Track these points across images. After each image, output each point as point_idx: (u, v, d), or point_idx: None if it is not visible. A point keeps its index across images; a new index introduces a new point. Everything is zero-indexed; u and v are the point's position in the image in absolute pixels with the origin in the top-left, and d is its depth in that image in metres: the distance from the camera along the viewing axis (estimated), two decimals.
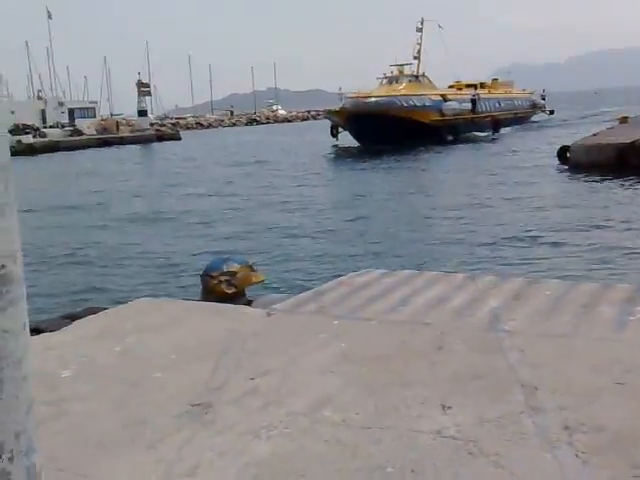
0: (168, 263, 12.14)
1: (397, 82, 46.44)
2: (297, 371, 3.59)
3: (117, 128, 63.62)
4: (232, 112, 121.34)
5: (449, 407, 3.05)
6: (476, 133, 43.91)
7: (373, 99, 41.96)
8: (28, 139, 50.76)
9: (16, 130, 52.51)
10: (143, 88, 69.28)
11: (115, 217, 18.25)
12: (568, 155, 22.23)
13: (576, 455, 2.59)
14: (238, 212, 17.88)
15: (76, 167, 36.72)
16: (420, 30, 51.69)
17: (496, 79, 62.98)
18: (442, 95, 46.15)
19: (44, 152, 48.03)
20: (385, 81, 47.86)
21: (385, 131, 37.21)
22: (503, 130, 46.68)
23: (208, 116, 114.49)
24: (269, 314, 4.71)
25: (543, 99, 67.12)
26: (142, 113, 68.08)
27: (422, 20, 51.68)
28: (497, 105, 52.43)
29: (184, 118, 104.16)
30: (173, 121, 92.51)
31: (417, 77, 48.09)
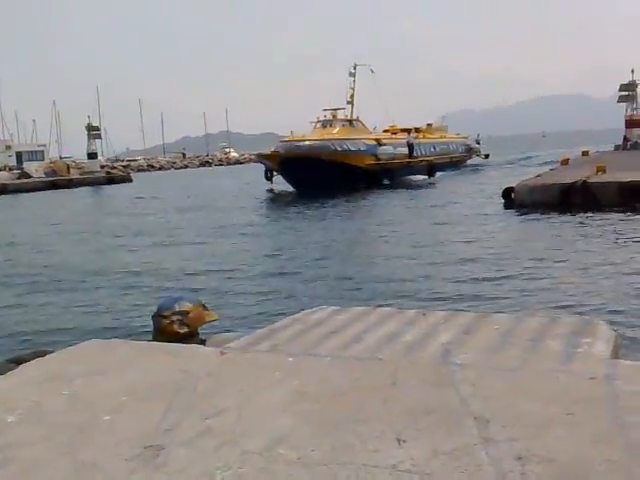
0: (117, 304, 11.90)
1: (331, 126, 45.46)
2: (252, 410, 3.56)
3: (67, 171, 62.73)
4: (184, 154, 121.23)
5: (404, 441, 3.06)
6: (412, 177, 43.39)
7: (306, 143, 40.90)
8: None
9: None
10: (93, 131, 68.69)
11: (61, 258, 17.88)
12: (512, 196, 22.91)
13: None
14: (180, 255, 17.63)
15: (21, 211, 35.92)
16: (353, 75, 51.07)
17: (430, 124, 62.78)
18: (377, 139, 45.55)
19: None
20: (319, 125, 46.64)
21: (319, 175, 36.13)
22: (439, 174, 46.22)
23: (160, 158, 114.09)
24: (223, 353, 4.66)
25: (478, 143, 67.25)
26: (92, 156, 67.38)
27: (354, 65, 51.15)
28: (432, 149, 52.40)
29: (135, 160, 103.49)
30: (124, 163, 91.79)
31: (350, 122, 47.25)
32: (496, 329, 4.92)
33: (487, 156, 64.95)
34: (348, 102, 49.87)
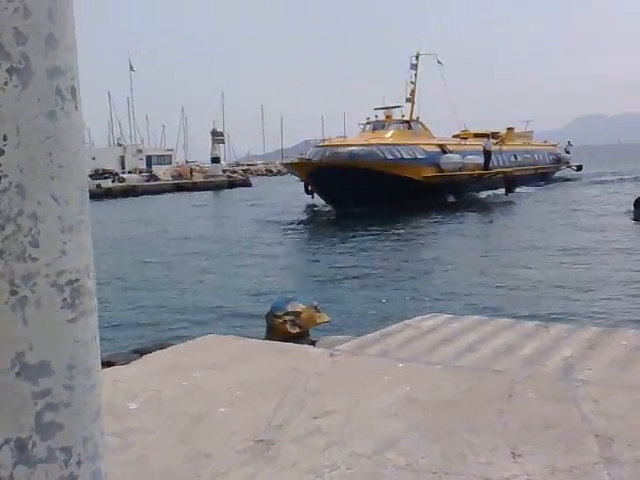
0: (236, 301, 12.32)
1: (383, 128, 37.06)
2: (360, 413, 3.54)
3: (191, 174, 65.69)
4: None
5: (519, 455, 2.93)
6: (486, 193, 36.13)
7: (347, 149, 32.27)
8: (107, 183, 53.11)
9: (96, 175, 54.99)
10: (217, 136, 71.53)
11: (188, 253, 18.78)
12: None
13: None
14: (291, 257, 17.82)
15: (152, 210, 38.03)
16: (414, 67, 41.86)
17: (511, 128, 52.20)
18: (440, 145, 37.23)
19: (122, 196, 50.01)
20: (368, 127, 38.16)
21: (360, 191, 28.82)
22: (520, 189, 38.03)
23: (277, 163, 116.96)
24: (332, 355, 4.68)
25: (567, 152, 57.63)
26: (215, 160, 70.13)
27: (417, 54, 42.01)
28: (513, 159, 43.67)
29: (255, 165, 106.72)
30: (244, 168, 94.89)
31: (408, 123, 38.76)
32: (623, 344, 4.62)
33: (580, 168, 56.38)
34: (408, 99, 41.32)
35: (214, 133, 71.26)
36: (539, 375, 4.07)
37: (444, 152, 36.24)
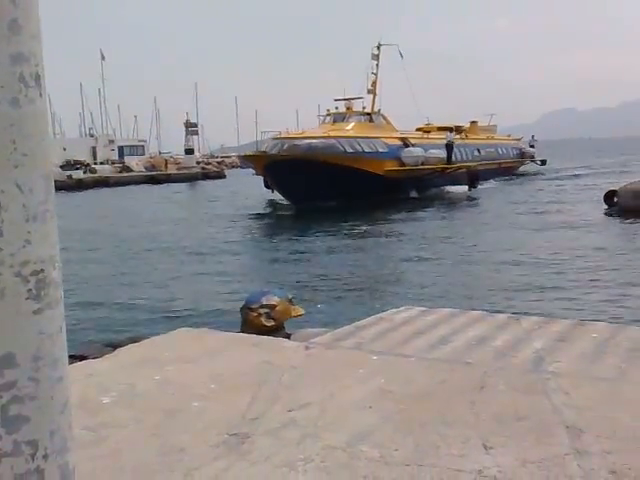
0: (207, 294, 12.26)
1: (344, 120, 35.36)
2: (335, 405, 3.55)
3: (166, 166, 65.16)
4: None
5: (491, 447, 2.97)
6: (449, 188, 34.50)
7: (305, 141, 30.80)
8: (78, 174, 52.42)
9: (67, 166, 54.26)
10: (191, 127, 71.02)
11: (156, 248, 18.61)
12: (615, 199, 21.98)
13: None
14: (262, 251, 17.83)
15: (122, 202, 37.63)
16: (376, 57, 39.90)
17: (475, 122, 50.76)
18: (402, 139, 35.54)
19: (93, 187, 49.42)
20: (328, 119, 36.45)
21: (318, 186, 27.70)
22: (487, 183, 37.50)
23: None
24: (307, 348, 4.69)
25: (532, 146, 56.21)
26: (189, 151, 69.67)
27: (378, 45, 39.93)
28: (476, 153, 42.38)
29: (229, 157, 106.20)
30: (218, 160, 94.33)
31: (370, 115, 36.93)
32: (594, 337, 4.70)
33: (544, 162, 54.99)
34: (369, 91, 39.23)
35: (188, 124, 70.72)
36: (510, 367, 4.12)
37: (406, 146, 34.75)
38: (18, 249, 1.11)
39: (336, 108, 37.13)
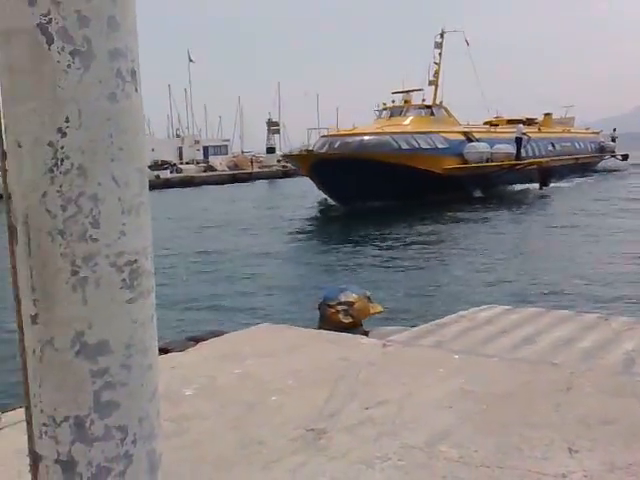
0: (288, 290, 12.42)
1: (401, 115, 32.99)
2: (413, 404, 3.51)
3: (252, 165, 66.31)
4: None
5: (576, 451, 2.86)
6: (518, 186, 31.94)
7: (356, 138, 28.92)
8: (165, 174, 54.17)
9: (155, 166, 56.13)
10: (273, 127, 71.96)
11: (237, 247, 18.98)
12: None
13: None
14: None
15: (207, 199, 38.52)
16: (439, 46, 37.06)
17: (549, 114, 47.43)
18: (465, 133, 32.86)
19: (179, 186, 50.93)
20: (385, 113, 34.21)
21: (369, 186, 25.78)
22: (556, 183, 34.04)
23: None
24: (386, 345, 4.65)
25: (613, 140, 52.50)
26: (270, 150, 70.61)
27: (442, 32, 37.06)
28: (550, 148, 38.91)
29: None
30: None
31: (430, 108, 34.18)
32: None
33: (625, 157, 50.90)
34: (430, 82, 36.55)
35: (270, 123, 71.72)
36: (599, 369, 3.96)
37: (469, 141, 32.20)
38: (114, 240, 1.15)
39: (393, 102, 34.87)
